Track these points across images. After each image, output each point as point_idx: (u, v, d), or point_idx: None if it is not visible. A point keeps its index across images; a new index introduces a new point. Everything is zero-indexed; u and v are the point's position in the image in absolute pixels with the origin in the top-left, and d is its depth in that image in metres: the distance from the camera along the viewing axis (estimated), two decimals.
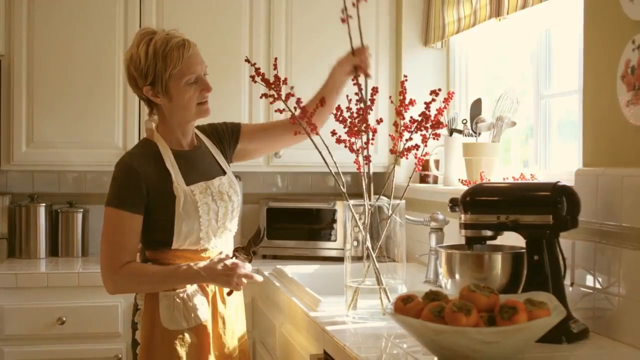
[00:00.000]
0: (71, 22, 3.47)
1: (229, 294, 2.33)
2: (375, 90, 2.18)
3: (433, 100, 2.11)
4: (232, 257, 2.31)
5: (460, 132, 3.18)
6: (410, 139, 2.15)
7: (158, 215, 2.24)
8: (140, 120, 3.50)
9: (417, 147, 2.14)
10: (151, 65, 2.21)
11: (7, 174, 3.77)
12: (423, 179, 3.51)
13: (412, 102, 2.14)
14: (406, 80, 2.17)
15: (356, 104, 2.16)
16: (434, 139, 2.16)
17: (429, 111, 2.11)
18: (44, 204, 3.65)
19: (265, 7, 3.60)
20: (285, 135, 2.53)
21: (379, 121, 2.22)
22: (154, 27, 2.36)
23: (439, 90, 2.11)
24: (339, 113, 2.16)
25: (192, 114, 2.30)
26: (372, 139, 2.18)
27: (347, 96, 2.17)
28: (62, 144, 3.48)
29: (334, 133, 2.12)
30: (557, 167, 2.74)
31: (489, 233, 2.06)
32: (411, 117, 2.14)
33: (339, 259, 3.24)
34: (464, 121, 3.15)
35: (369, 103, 2.18)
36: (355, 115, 2.15)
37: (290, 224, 3.65)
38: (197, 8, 3.54)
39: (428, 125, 2.12)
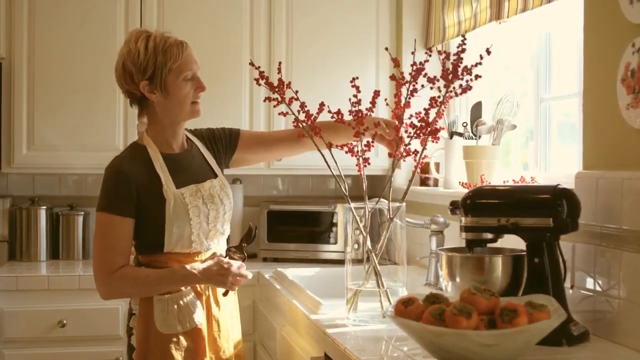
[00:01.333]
0: (72, 25, 3.48)
1: (225, 294, 2.32)
2: (377, 93, 2.18)
3: (431, 106, 2.11)
4: (225, 257, 2.32)
5: (460, 135, 3.18)
6: (409, 144, 2.16)
7: (149, 218, 2.24)
8: None
9: (415, 152, 2.14)
10: (151, 59, 2.21)
11: (7, 177, 3.77)
12: (423, 182, 3.51)
13: (407, 105, 2.14)
14: (405, 81, 2.17)
15: (354, 106, 2.17)
16: (432, 141, 2.16)
17: (428, 117, 2.11)
18: (44, 207, 3.65)
19: (265, 10, 3.61)
20: (285, 149, 2.58)
21: (377, 124, 2.21)
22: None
23: (438, 97, 2.12)
24: (339, 117, 2.17)
25: (185, 112, 2.29)
26: (372, 143, 2.18)
27: (350, 99, 2.17)
28: (63, 146, 3.48)
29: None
30: (557, 170, 2.74)
31: (489, 236, 2.06)
32: (410, 122, 2.14)
33: (340, 262, 3.25)
34: (464, 124, 3.15)
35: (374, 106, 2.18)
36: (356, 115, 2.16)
37: (291, 227, 3.65)
38: (198, 12, 3.55)
39: (427, 131, 2.12)
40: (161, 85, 2.23)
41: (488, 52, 2.09)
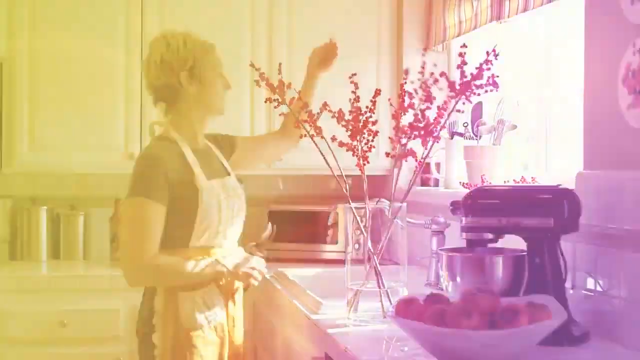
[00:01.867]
0: (73, 25, 3.48)
1: (245, 289, 2.37)
2: (378, 92, 2.18)
3: (428, 107, 2.11)
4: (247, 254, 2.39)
5: (461, 135, 3.18)
6: (405, 145, 2.15)
7: (178, 209, 2.24)
8: (142, 123, 3.49)
9: (413, 153, 2.14)
10: (190, 52, 2.33)
11: (8, 177, 3.77)
12: (424, 182, 3.51)
13: (411, 105, 2.14)
14: (405, 82, 2.17)
15: (353, 104, 2.16)
16: (433, 141, 2.16)
17: (424, 119, 2.11)
18: (45, 207, 3.65)
19: (266, 12, 3.60)
20: (271, 145, 2.75)
21: (373, 122, 2.21)
22: (157, 33, 2.46)
23: (434, 98, 2.12)
24: (341, 115, 2.16)
25: (216, 106, 2.39)
26: (372, 141, 2.18)
27: (350, 99, 2.17)
28: (64, 146, 3.48)
29: (334, 139, 2.13)
30: (558, 170, 2.74)
31: (490, 236, 2.06)
32: (409, 122, 2.14)
33: (340, 262, 3.24)
34: (465, 124, 3.15)
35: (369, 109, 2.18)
36: (353, 111, 2.15)
37: (292, 227, 3.65)
38: (198, 12, 3.55)
39: (429, 131, 2.12)
40: (199, 76, 2.33)
41: (488, 53, 2.09)
